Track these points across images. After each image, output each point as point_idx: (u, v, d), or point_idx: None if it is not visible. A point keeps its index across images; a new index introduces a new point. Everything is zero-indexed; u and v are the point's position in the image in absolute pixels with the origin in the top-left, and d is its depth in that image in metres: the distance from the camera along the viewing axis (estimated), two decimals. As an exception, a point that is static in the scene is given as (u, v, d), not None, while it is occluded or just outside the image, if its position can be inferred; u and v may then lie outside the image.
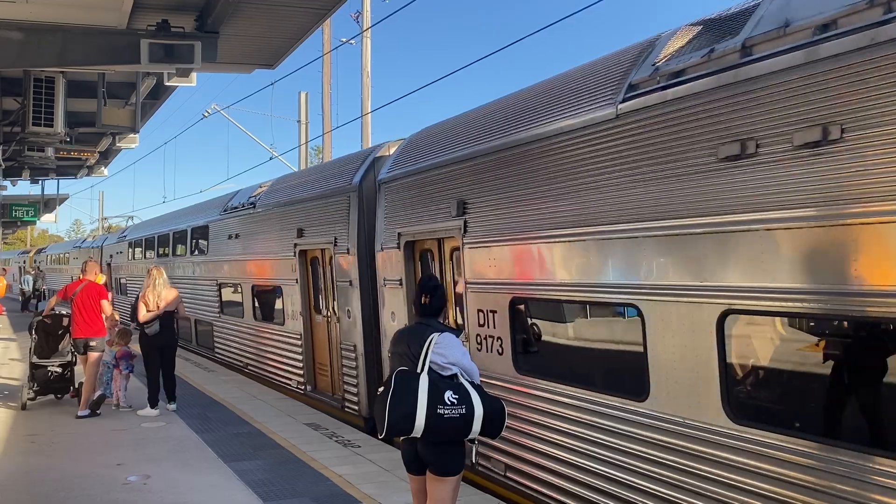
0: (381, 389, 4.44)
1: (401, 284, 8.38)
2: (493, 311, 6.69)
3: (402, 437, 4.48)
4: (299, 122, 25.52)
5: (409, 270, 8.39)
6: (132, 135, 14.26)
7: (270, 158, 26.73)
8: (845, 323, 4.02)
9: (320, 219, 10.56)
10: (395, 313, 8.58)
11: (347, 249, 9.71)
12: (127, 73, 11.84)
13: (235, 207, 14.40)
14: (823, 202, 3.90)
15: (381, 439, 4.56)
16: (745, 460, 4.34)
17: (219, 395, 11.45)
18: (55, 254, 41.63)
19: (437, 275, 7.83)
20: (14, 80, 11.81)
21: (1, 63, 8.97)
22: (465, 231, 7.08)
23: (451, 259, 7.80)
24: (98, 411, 9.92)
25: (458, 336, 4.68)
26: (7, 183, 21.12)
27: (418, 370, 4.38)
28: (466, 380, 4.45)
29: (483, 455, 6.75)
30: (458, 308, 7.62)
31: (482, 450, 6.64)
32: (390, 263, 8.59)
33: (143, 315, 10.01)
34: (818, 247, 3.94)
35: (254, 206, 13.32)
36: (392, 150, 9.68)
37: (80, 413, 9.82)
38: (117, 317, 11.37)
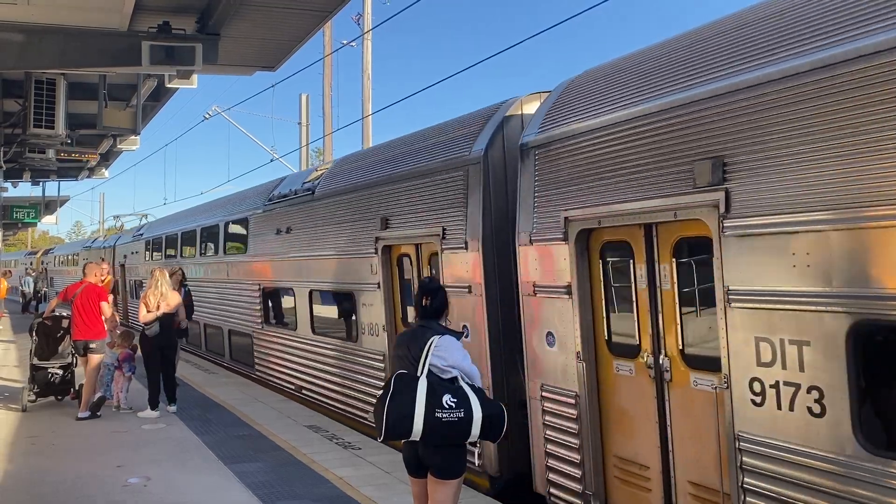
0: (380, 392, 4.45)
1: (568, 293, 5.93)
2: (801, 343, 4.10)
3: (402, 440, 4.50)
4: (300, 124, 25.56)
5: (584, 272, 5.90)
6: (133, 136, 14.27)
7: (271, 160, 26.74)
8: None
9: (418, 204, 8.05)
10: (554, 334, 6.14)
11: (465, 244, 7.15)
12: (128, 74, 11.86)
13: (286, 196, 11.87)
14: None
15: (381, 441, 4.51)
16: None
17: (219, 397, 11.45)
18: (63, 255, 39.36)
19: (645, 278, 5.45)
20: (15, 82, 11.84)
21: (2, 65, 8.99)
22: (728, 208, 4.48)
23: (672, 255, 5.22)
24: (98, 413, 9.93)
25: (458, 339, 4.63)
26: (8, 185, 21.12)
27: (418, 373, 4.36)
28: (466, 383, 4.43)
29: None
30: (681, 330, 5.17)
31: None
32: (547, 263, 6.18)
33: (143, 316, 10.08)
34: None
35: (312, 193, 10.92)
36: (527, 108, 7.33)
37: (80, 415, 9.82)
38: (118, 318, 11.37)
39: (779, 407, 4.27)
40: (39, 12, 8.01)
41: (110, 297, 11.35)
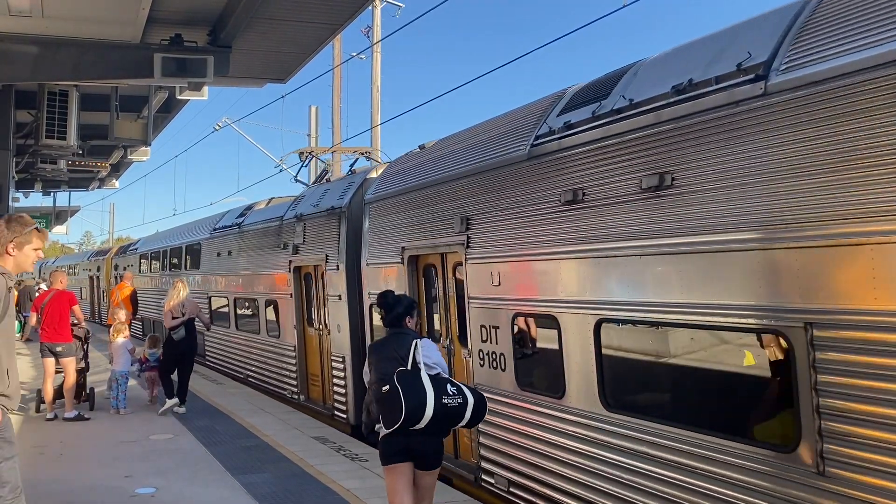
0: (385, 388, 4.84)
1: None
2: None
3: (391, 431, 4.86)
4: (309, 135, 25.69)
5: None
6: (144, 147, 14.37)
7: (280, 171, 26.82)
8: None
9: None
10: None
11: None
12: (139, 86, 11.96)
13: None
14: None
15: (392, 430, 4.82)
16: None
17: (227, 408, 11.45)
18: (166, 248, 20.30)
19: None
20: (28, 93, 11.94)
21: (17, 76, 9.09)
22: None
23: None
24: (87, 416, 10.51)
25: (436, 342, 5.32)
26: (20, 195, 21.30)
27: (409, 367, 4.91)
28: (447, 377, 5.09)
29: None
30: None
31: None
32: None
33: (169, 322, 11.05)
34: None
35: None
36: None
37: (66, 415, 10.31)
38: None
39: None
40: (54, 25, 8.12)
41: (124, 316, 11.80)
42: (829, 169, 3.97)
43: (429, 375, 4.89)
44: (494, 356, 6.91)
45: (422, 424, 4.77)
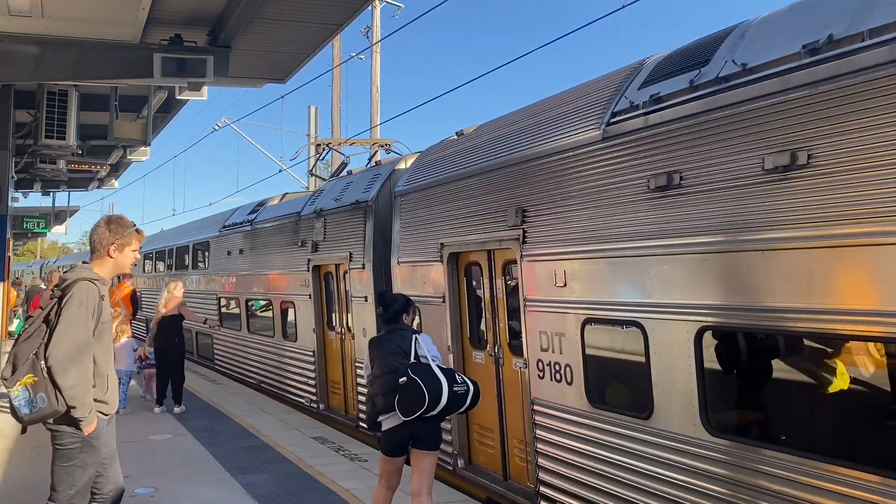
0: (403, 380, 5.19)
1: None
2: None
3: (389, 427, 5.33)
4: (308, 135, 25.71)
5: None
6: (143, 147, 14.35)
7: (279, 171, 26.81)
8: None
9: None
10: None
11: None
12: (139, 86, 11.95)
13: None
14: None
15: (408, 419, 5.18)
16: None
17: (226, 408, 11.45)
18: (172, 247, 19.08)
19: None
20: (27, 94, 11.94)
21: (17, 76, 9.09)
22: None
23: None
24: None
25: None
26: (19, 195, 21.29)
27: (413, 360, 5.34)
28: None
29: None
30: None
31: None
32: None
33: (154, 321, 11.42)
34: None
35: None
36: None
37: None
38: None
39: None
40: (54, 25, 8.11)
41: (121, 316, 11.58)
42: None
43: (439, 367, 5.34)
44: (558, 367, 5.97)
45: (436, 411, 5.19)
